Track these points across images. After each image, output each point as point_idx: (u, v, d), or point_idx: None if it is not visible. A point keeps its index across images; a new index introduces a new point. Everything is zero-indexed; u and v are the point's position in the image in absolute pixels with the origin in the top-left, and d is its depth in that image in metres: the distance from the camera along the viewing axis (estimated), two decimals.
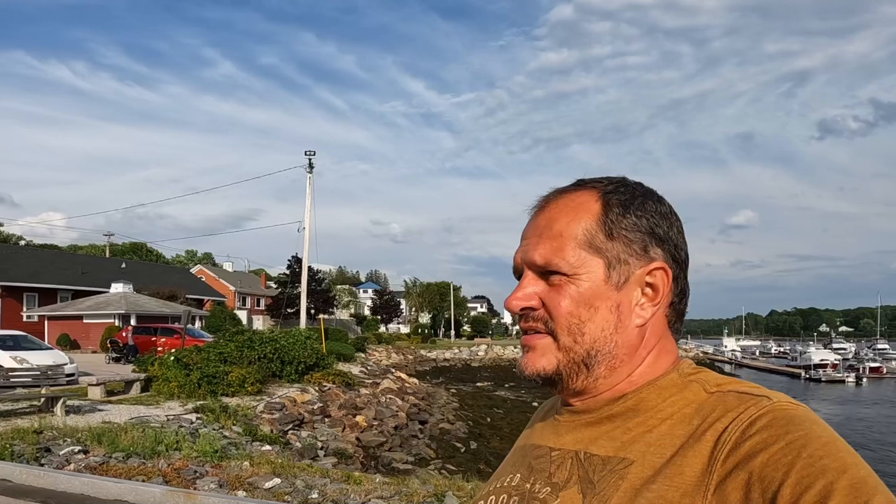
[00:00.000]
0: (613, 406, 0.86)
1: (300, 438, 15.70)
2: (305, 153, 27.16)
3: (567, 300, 0.84)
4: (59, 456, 8.72)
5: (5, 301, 35.96)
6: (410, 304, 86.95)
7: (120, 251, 67.21)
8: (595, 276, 0.85)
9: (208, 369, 17.34)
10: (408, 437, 20.19)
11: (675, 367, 0.87)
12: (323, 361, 23.69)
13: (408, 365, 49.40)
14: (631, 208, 0.87)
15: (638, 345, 0.86)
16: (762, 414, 0.73)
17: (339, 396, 21.17)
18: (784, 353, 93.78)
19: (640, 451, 0.79)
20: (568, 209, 0.87)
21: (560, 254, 0.85)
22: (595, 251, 0.85)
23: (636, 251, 0.86)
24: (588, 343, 0.84)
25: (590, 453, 0.84)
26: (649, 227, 0.87)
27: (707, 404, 0.79)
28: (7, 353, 17.03)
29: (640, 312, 0.86)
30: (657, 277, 0.86)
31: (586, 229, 0.86)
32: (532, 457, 0.92)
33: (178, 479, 7.67)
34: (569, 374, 0.85)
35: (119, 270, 44.48)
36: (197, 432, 12.42)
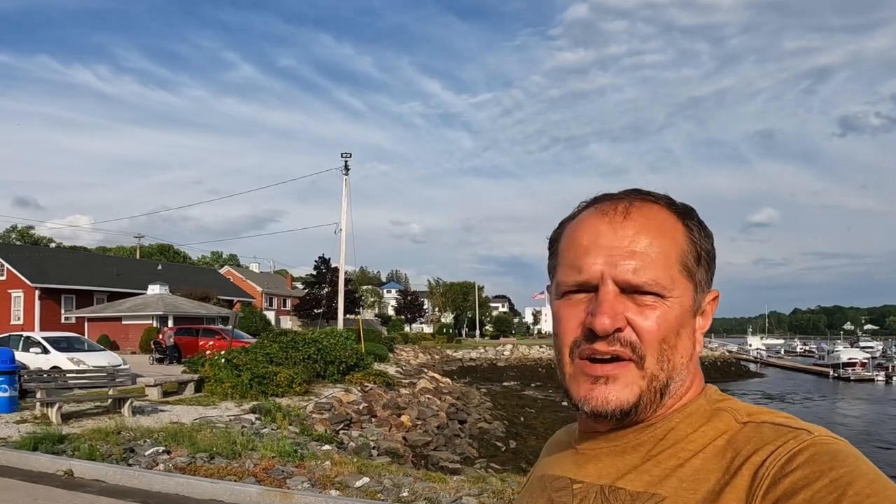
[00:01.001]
0: (641, 435, 0.82)
1: (352, 438, 15.93)
2: (342, 155, 27.54)
3: (662, 324, 0.79)
4: (145, 456, 8.98)
5: (44, 303, 36.65)
6: (434, 304, 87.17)
7: (148, 252, 68.03)
8: (685, 300, 0.81)
9: (258, 370, 17.62)
10: (451, 437, 20.36)
11: (703, 393, 0.84)
12: (362, 362, 23.90)
13: (435, 365, 49.59)
14: (705, 233, 0.85)
15: (695, 371, 0.84)
16: (802, 448, 0.69)
17: (381, 396, 21.37)
18: (810, 351, 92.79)
19: (673, 487, 0.75)
20: (658, 223, 0.82)
21: (659, 273, 0.79)
22: (687, 274, 0.81)
23: (708, 279, 0.84)
24: (670, 371, 0.80)
25: (616, 487, 0.79)
26: (714, 256, 0.86)
27: (740, 436, 0.75)
28: (64, 354, 17.43)
29: (699, 339, 0.84)
30: (712, 306, 0.86)
31: (682, 250, 0.81)
32: (552, 489, 0.88)
33: (269, 478, 7.89)
34: (646, 404, 0.80)
35: (153, 272, 45.07)
36: (260, 433, 12.68)
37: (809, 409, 39.05)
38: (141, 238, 60.24)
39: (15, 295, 37.57)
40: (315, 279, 59.21)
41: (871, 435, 29.12)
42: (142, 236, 60.85)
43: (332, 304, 59.43)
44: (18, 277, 36.70)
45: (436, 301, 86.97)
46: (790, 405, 39.91)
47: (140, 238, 59.98)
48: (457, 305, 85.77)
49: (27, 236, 70.21)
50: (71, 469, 8.26)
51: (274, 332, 22.43)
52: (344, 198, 27.20)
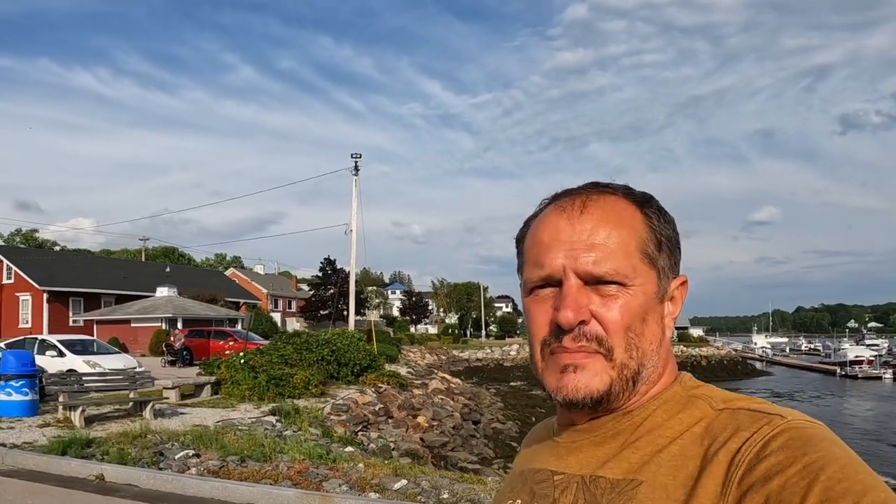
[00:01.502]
0: (619, 423, 0.82)
1: (371, 440, 15.85)
2: (352, 156, 27.41)
3: (625, 313, 0.79)
4: (175, 460, 8.87)
5: (52, 306, 36.57)
6: (438, 305, 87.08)
7: (152, 255, 67.97)
8: (649, 287, 0.81)
9: (274, 372, 17.53)
10: (467, 438, 20.30)
11: (678, 380, 0.85)
12: (375, 363, 23.80)
13: (442, 365, 49.47)
14: (664, 220, 0.85)
15: (666, 356, 0.85)
16: (777, 433, 0.70)
17: (395, 397, 21.30)
18: (815, 349, 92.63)
19: (651, 472, 0.76)
20: (615, 213, 0.83)
21: (619, 262, 0.80)
22: (649, 261, 0.82)
23: (672, 264, 0.85)
24: (639, 358, 0.81)
25: (596, 476, 0.80)
26: (677, 240, 0.86)
27: (717, 422, 0.76)
28: (79, 357, 17.34)
29: (668, 325, 0.84)
30: (680, 291, 0.87)
31: (640, 238, 0.82)
32: (533, 482, 0.88)
33: (306, 481, 7.79)
34: (618, 392, 0.81)
35: (160, 274, 45.00)
36: (283, 435, 12.58)
37: (819, 407, 38.95)
38: (146, 240, 60.24)
39: (23, 298, 37.48)
40: (321, 280, 59.12)
41: (881, 433, 29.01)
42: (147, 238, 60.87)
43: (339, 306, 59.45)
44: (26, 281, 36.62)
45: (440, 302, 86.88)
46: (800, 403, 39.80)
47: (145, 240, 59.98)
48: (461, 306, 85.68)
49: (31, 239, 70.18)
50: (102, 473, 8.16)
51: (287, 334, 22.35)
52: (354, 199, 27.15)
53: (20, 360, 11.99)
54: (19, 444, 9.65)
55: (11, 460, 8.91)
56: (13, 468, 8.72)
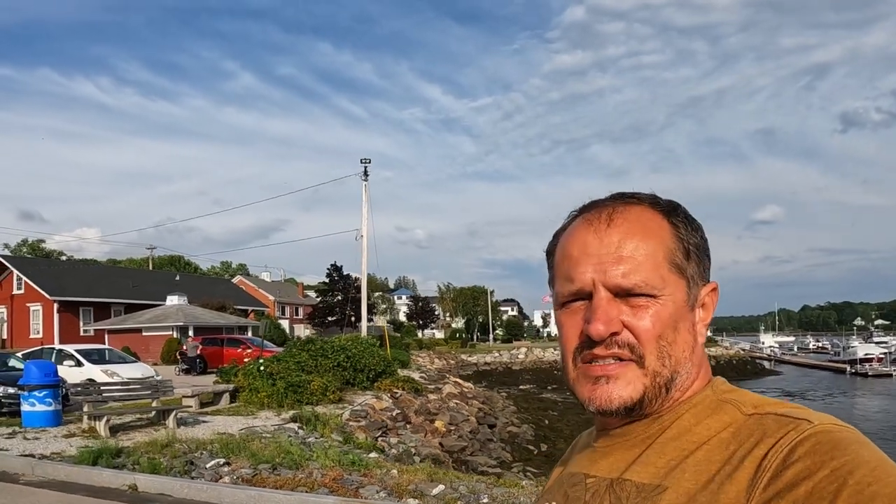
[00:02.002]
0: (649, 428, 0.84)
1: (392, 445, 15.76)
2: (361, 161, 27.37)
3: (657, 322, 0.81)
4: (207, 469, 8.81)
5: (63, 316, 36.58)
6: (444, 309, 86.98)
7: (158, 264, 68.02)
8: (678, 296, 0.83)
9: (292, 378, 17.47)
10: (484, 441, 20.20)
11: (710, 385, 0.85)
12: (389, 368, 23.75)
13: (451, 370, 49.37)
14: (692, 227, 0.87)
15: (700, 362, 0.86)
16: (804, 438, 0.69)
17: (412, 403, 21.21)
18: (823, 348, 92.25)
19: (676, 478, 0.76)
20: (641, 225, 0.84)
21: (648, 274, 0.81)
22: (677, 271, 0.83)
23: (702, 272, 0.86)
24: (673, 366, 0.82)
25: (623, 479, 0.81)
26: (706, 248, 0.87)
27: (744, 428, 0.76)
28: (97, 366, 17.29)
29: (700, 331, 0.86)
30: (711, 298, 0.87)
31: (668, 248, 0.83)
32: (568, 485, 0.91)
33: (342, 488, 7.72)
34: (651, 399, 0.82)
35: (168, 283, 45.02)
36: (306, 442, 12.51)
37: (831, 405, 38.79)
38: (153, 249, 60.27)
39: (33, 309, 37.50)
40: (328, 287, 59.07)
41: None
42: (154, 247, 60.90)
43: (346, 312, 59.43)
44: (37, 291, 36.64)
45: (446, 306, 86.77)
46: (811, 402, 39.61)
47: (152, 249, 60.00)
48: (467, 310, 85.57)
49: (38, 250, 70.33)
50: (135, 483, 8.09)
51: (302, 341, 22.29)
52: (364, 204, 27.13)
53: (43, 370, 11.94)
54: (48, 455, 9.61)
55: (41, 471, 8.85)
56: (43, 479, 8.67)
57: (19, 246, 71.86)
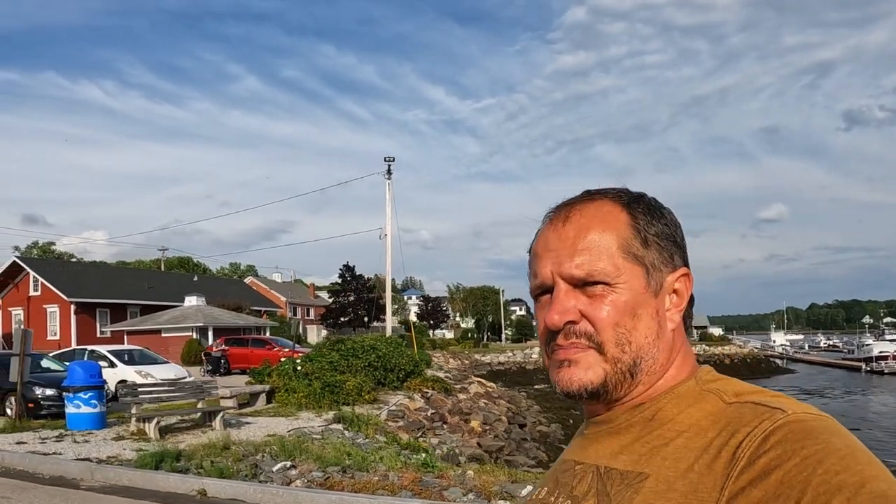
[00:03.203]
0: (633, 415, 0.85)
1: (433, 445, 15.46)
2: (385, 159, 27.06)
3: (612, 310, 0.83)
4: (274, 472, 8.49)
5: (80, 317, 36.33)
6: (455, 310, 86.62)
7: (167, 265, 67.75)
8: (636, 283, 0.84)
9: (327, 379, 17.17)
10: (519, 441, 19.92)
11: (694, 375, 0.85)
12: (417, 368, 23.46)
13: (466, 369, 49.05)
14: (655, 216, 0.88)
15: (671, 348, 0.86)
16: (777, 427, 0.70)
17: (444, 402, 20.92)
18: (834, 346, 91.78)
19: (657, 465, 0.77)
20: (597, 219, 0.86)
21: (600, 263, 0.83)
22: (634, 259, 0.84)
23: (666, 258, 0.86)
24: (634, 352, 0.83)
25: (609, 467, 0.83)
26: (672, 235, 0.88)
27: (723, 416, 0.77)
28: (131, 367, 16.97)
29: (671, 317, 0.86)
30: (682, 283, 0.87)
31: (623, 238, 0.85)
32: (560, 471, 0.92)
33: (426, 491, 7.40)
34: (615, 384, 0.84)
35: (182, 284, 44.80)
36: (356, 443, 12.21)
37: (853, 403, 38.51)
38: (165, 251, 60.04)
39: (50, 310, 37.26)
40: (340, 287, 58.76)
41: None
42: (165, 249, 60.68)
43: (358, 312, 59.14)
44: (54, 292, 36.38)
45: (456, 306, 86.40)
46: (832, 400, 39.31)
47: (164, 251, 59.79)
48: (477, 310, 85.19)
49: (49, 252, 70.14)
50: (204, 488, 7.77)
51: (331, 340, 22.00)
52: (388, 203, 26.79)
53: (88, 371, 11.64)
54: (104, 459, 9.30)
55: (101, 476, 8.54)
56: (105, 484, 8.36)
57: (29, 248, 71.72)
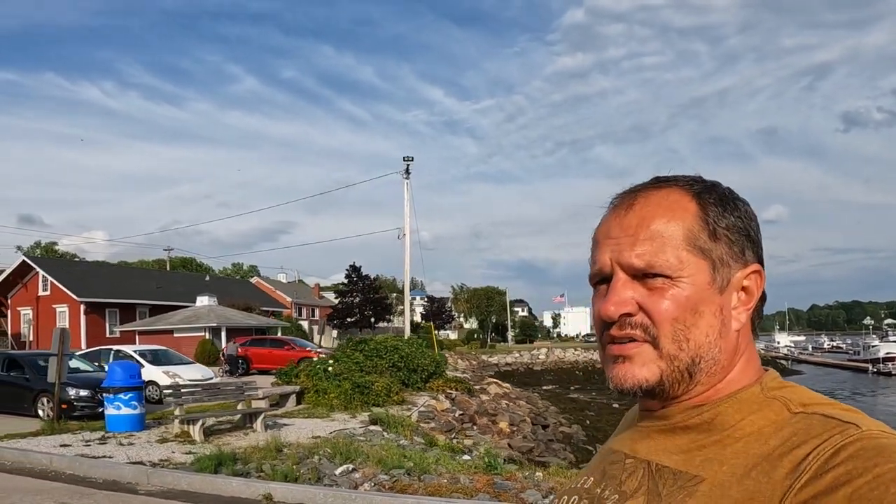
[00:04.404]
0: (691, 416, 0.81)
1: (466, 447, 15.21)
2: (403, 159, 26.87)
3: (672, 305, 0.79)
4: (337, 475, 8.23)
5: (89, 317, 35.99)
6: (458, 310, 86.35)
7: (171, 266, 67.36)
8: (700, 278, 0.80)
9: (356, 379, 16.92)
10: (547, 442, 19.69)
11: (759, 381, 0.81)
12: (438, 369, 23.24)
13: (474, 370, 48.89)
14: (728, 208, 0.83)
15: (735, 349, 0.81)
16: (849, 443, 0.67)
17: (469, 404, 20.69)
18: (837, 347, 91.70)
19: (713, 470, 0.75)
20: (662, 208, 0.82)
21: (662, 255, 0.79)
22: (699, 252, 0.80)
23: (736, 253, 0.82)
24: (693, 350, 0.79)
25: (661, 465, 0.80)
26: (745, 228, 0.83)
27: (788, 426, 0.73)
28: (158, 368, 16.67)
29: (737, 317, 0.82)
30: (752, 281, 0.82)
31: (689, 229, 0.81)
32: (607, 462, 0.90)
33: (504, 493, 7.15)
34: (671, 383, 0.80)
35: (192, 284, 44.49)
36: (400, 444, 11.95)
37: (865, 405, 38.33)
38: (171, 251, 59.70)
39: (59, 310, 36.89)
40: (347, 287, 58.47)
41: None
42: (171, 249, 60.33)
43: (364, 313, 58.85)
44: (64, 292, 36.02)
45: (460, 307, 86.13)
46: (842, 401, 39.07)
47: (170, 251, 59.45)
48: (481, 311, 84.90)
49: (52, 252, 69.72)
50: (270, 493, 7.50)
51: (354, 340, 21.75)
52: (406, 202, 26.52)
53: (128, 371, 11.37)
54: (157, 462, 9.02)
55: (158, 480, 8.27)
56: (162, 488, 8.08)
57: (32, 248, 71.30)
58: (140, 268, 55.10)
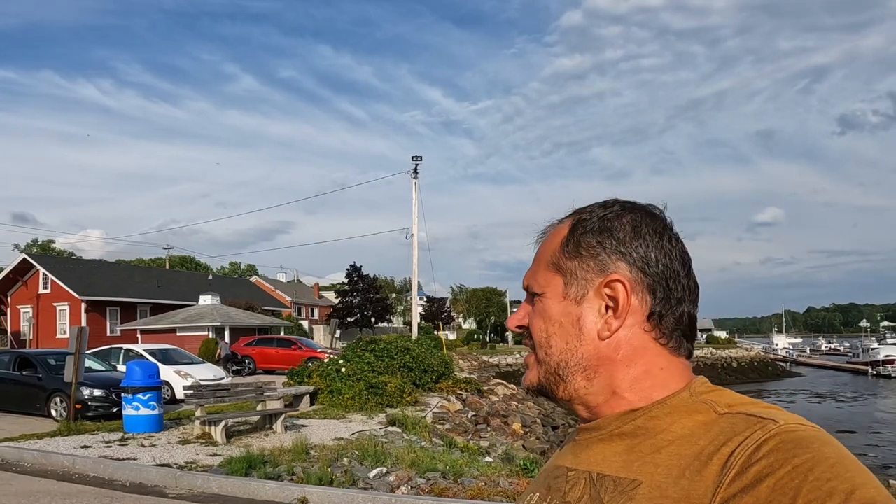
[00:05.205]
0: (624, 423, 0.85)
1: (486, 448, 15.04)
2: (412, 158, 26.64)
3: (537, 317, 0.89)
4: (371, 478, 8.04)
5: (90, 316, 35.64)
6: (457, 311, 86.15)
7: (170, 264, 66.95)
8: (555, 292, 0.88)
9: (370, 380, 16.72)
10: (560, 444, 19.49)
11: (687, 387, 0.85)
12: (447, 370, 23.06)
13: (475, 371, 48.65)
14: (594, 229, 0.88)
15: (614, 356, 0.85)
16: (769, 437, 0.71)
17: (480, 404, 20.52)
18: (835, 349, 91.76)
19: (649, 472, 0.78)
20: (550, 236, 0.93)
21: (535, 276, 0.91)
22: (556, 270, 0.89)
23: (592, 267, 0.87)
24: (556, 355, 0.87)
25: (602, 473, 0.84)
26: (611, 244, 0.87)
27: (716, 426, 0.78)
28: (170, 367, 16.43)
29: (605, 325, 0.85)
30: (616, 290, 0.86)
31: (553, 251, 0.90)
32: (551, 477, 0.93)
33: None
34: (548, 385, 0.89)
35: (192, 283, 44.20)
36: (423, 447, 11.75)
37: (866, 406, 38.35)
38: (170, 249, 59.34)
39: (60, 308, 36.55)
40: (347, 287, 58.22)
41: None
42: (170, 248, 59.95)
43: (365, 313, 58.61)
44: (65, 290, 35.67)
45: (459, 308, 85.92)
46: (845, 404, 39.19)
47: (169, 249, 59.09)
48: (480, 311, 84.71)
49: (49, 250, 69.25)
50: (305, 497, 7.31)
51: (365, 340, 21.55)
52: (414, 202, 26.29)
53: (147, 371, 11.16)
54: (184, 465, 8.81)
55: (187, 483, 8.06)
56: (192, 492, 7.88)
57: (29, 246, 70.81)
58: (142, 267, 54.74)
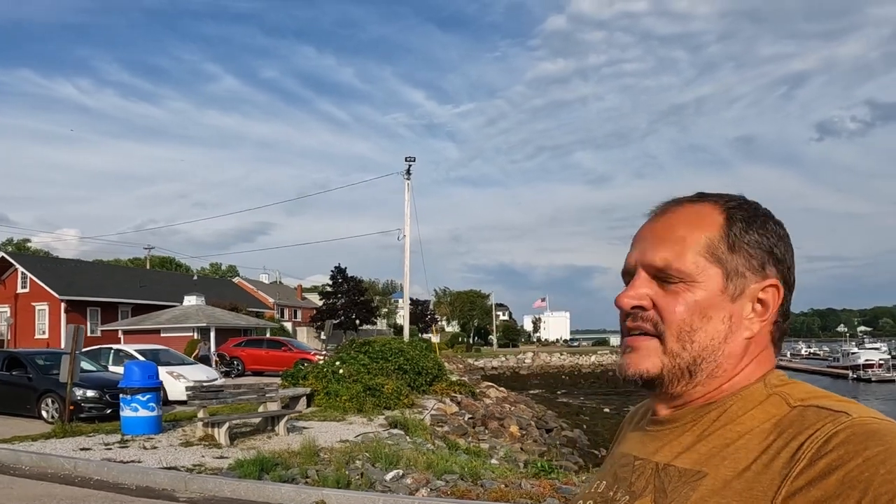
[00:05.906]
0: (698, 416, 0.85)
1: (487, 451, 14.84)
2: (405, 159, 26.34)
3: (682, 306, 0.84)
4: (388, 481, 7.79)
5: (70, 316, 34.90)
6: (441, 314, 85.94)
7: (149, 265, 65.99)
8: (712, 284, 0.84)
9: (367, 381, 16.46)
10: (558, 447, 19.39)
11: (762, 378, 0.85)
12: (441, 372, 22.86)
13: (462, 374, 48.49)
14: (754, 226, 0.87)
15: (742, 355, 0.85)
16: (840, 430, 0.71)
17: (475, 407, 20.35)
18: (815, 354, 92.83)
19: (715, 465, 0.78)
20: (690, 217, 0.88)
21: (680, 259, 0.85)
22: (715, 261, 0.85)
23: (754, 266, 0.86)
24: (696, 351, 0.84)
25: (668, 464, 0.84)
26: (769, 246, 0.87)
27: (786, 419, 0.77)
28: (163, 368, 16.00)
29: (748, 325, 0.85)
30: (769, 294, 0.86)
31: (709, 238, 0.85)
32: (618, 465, 0.93)
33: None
34: (671, 378, 0.85)
35: (173, 283, 43.56)
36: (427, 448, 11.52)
37: None
38: (151, 249, 58.42)
39: (39, 308, 35.76)
40: (332, 289, 57.72)
41: None
42: (151, 248, 59.01)
43: (350, 315, 58.13)
44: (44, 290, 34.90)
45: (443, 311, 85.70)
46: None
47: (150, 249, 58.16)
48: (464, 314, 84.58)
49: (24, 249, 67.94)
50: (323, 500, 7.04)
51: (357, 342, 21.26)
52: (406, 203, 26.02)
53: (145, 371, 10.80)
54: (191, 468, 8.50)
55: (198, 487, 7.75)
56: (204, 495, 7.58)
57: (3, 245, 69.40)
58: (123, 266, 53.85)
